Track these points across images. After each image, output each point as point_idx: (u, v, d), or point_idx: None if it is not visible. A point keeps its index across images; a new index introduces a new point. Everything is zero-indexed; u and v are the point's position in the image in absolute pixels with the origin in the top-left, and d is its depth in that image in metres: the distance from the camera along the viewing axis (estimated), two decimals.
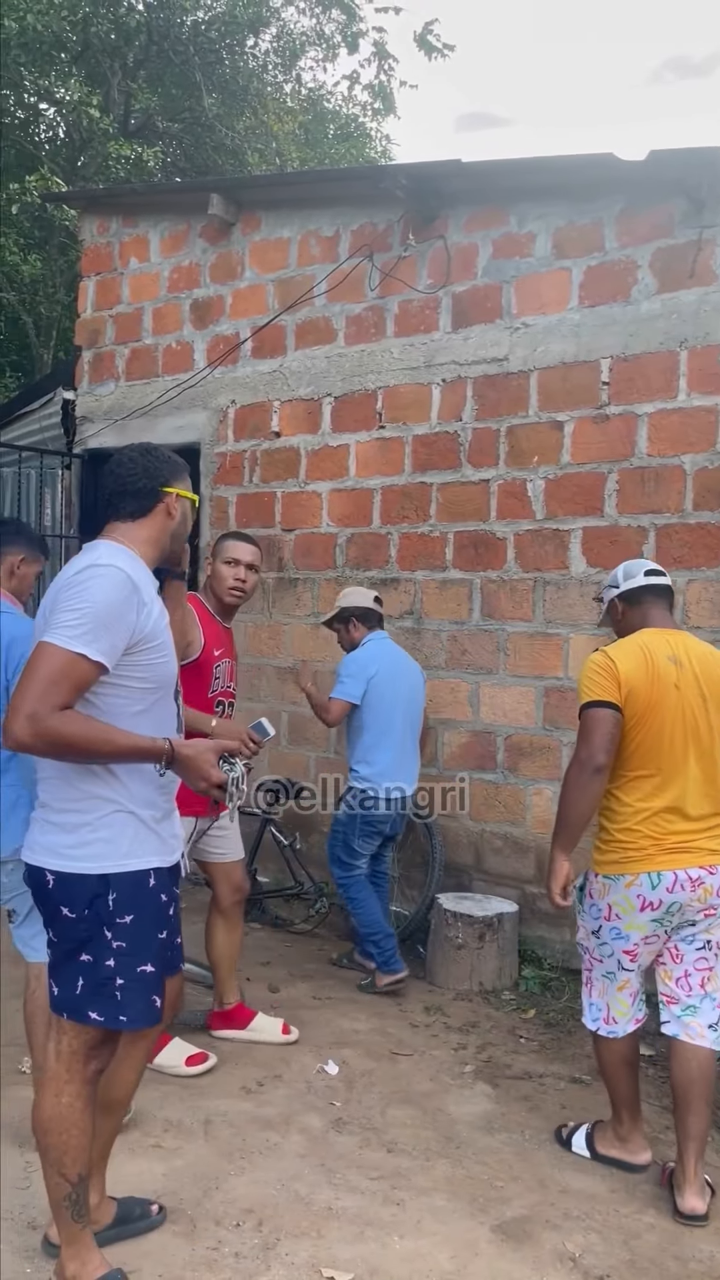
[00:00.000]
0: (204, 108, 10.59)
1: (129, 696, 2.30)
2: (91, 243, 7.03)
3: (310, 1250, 2.67)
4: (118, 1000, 2.31)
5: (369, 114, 15.72)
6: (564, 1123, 3.37)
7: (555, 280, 4.92)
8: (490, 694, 5.11)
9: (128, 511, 2.43)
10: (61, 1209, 2.37)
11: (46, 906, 2.34)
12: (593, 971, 3.19)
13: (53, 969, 2.37)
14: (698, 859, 2.99)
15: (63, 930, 2.32)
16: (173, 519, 2.48)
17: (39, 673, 2.13)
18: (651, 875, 2.98)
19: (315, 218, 5.82)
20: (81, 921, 2.28)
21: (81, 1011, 2.31)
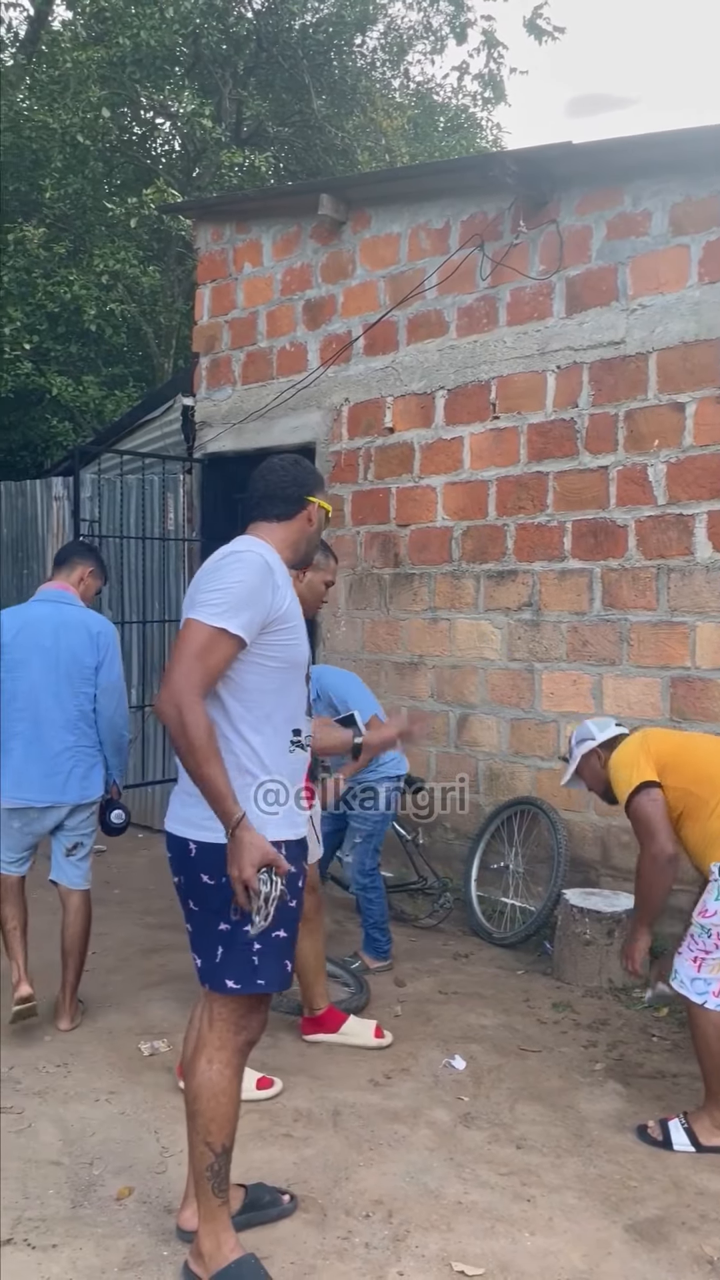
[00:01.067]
0: (313, 110, 10.67)
1: (264, 674, 2.43)
2: (206, 250, 7.17)
3: (440, 1243, 2.67)
4: (255, 965, 2.41)
5: (479, 104, 15.58)
6: (644, 1124, 3.27)
7: (673, 258, 4.78)
8: (614, 685, 5.00)
9: (274, 514, 2.61)
10: (204, 1180, 2.44)
11: (187, 875, 2.46)
12: (712, 954, 3.16)
13: (195, 942, 2.49)
14: None
15: (202, 898, 2.43)
16: (311, 525, 2.67)
17: (186, 648, 2.29)
18: None
19: (424, 211, 5.80)
20: (220, 889, 2.37)
21: (220, 980, 2.42)
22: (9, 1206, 2.78)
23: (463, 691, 5.62)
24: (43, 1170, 2.97)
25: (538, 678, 5.30)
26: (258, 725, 2.43)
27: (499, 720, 5.47)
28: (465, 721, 5.61)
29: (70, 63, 9.74)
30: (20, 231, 9.78)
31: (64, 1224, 2.71)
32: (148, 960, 4.73)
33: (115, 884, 5.98)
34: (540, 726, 5.29)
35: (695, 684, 4.70)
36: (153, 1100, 3.40)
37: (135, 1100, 3.40)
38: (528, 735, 5.34)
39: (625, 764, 3.36)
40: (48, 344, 10.29)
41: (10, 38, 12.24)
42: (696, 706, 4.69)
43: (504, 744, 5.44)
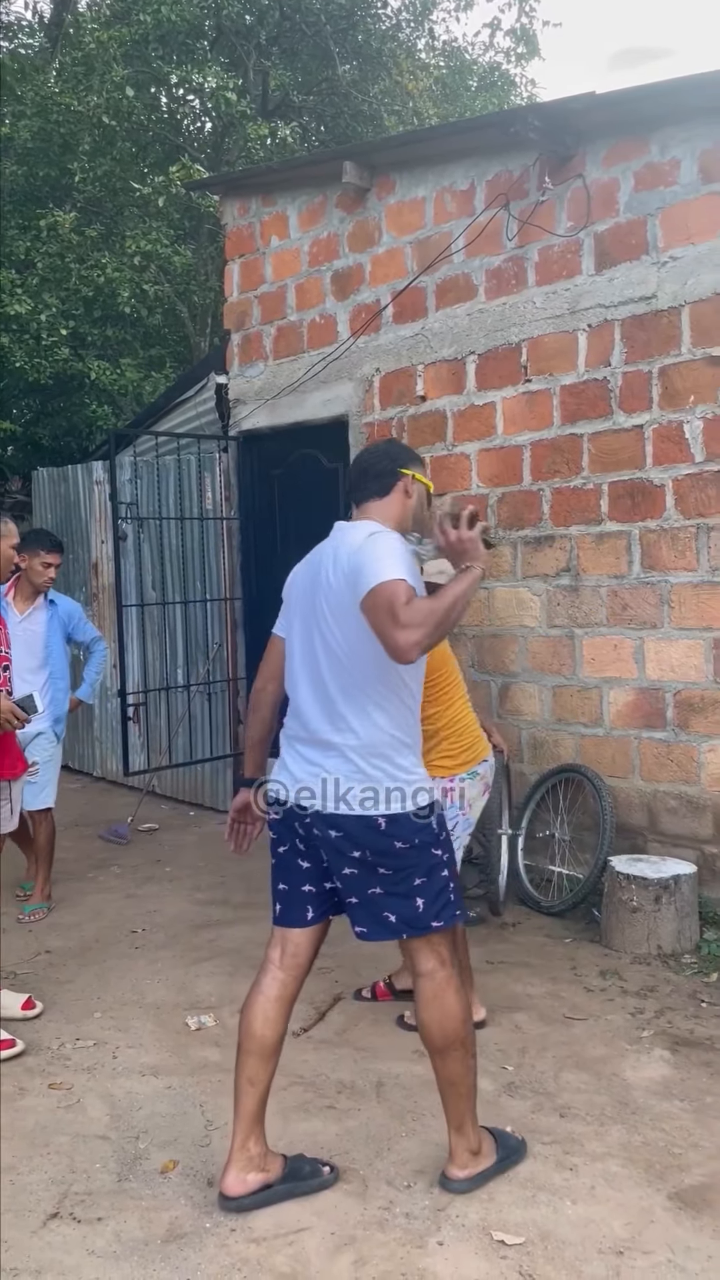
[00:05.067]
0: (339, 77, 10.53)
1: None
2: (233, 225, 7.13)
3: (481, 1213, 2.67)
4: (450, 901, 2.69)
5: (512, 60, 15.24)
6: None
7: (704, 206, 4.64)
8: (656, 649, 4.91)
9: (372, 491, 2.74)
10: (474, 1091, 2.75)
11: (375, 847, 2.60)
12: None
13: (385, 905, 2.65)
14: None
15: (398, 861, 2.61)
16: (410, 498, 2.77)
17: (395, 601, 2.42)
18: None
19: (449, 172, 5.69)
20: (415, 849, 2.60)
21: (426, 923, 2.65)
22: (57, 1180, 2.84)
23: (503, 660, 5.57)
24: (90, 1145, 3.02)
25: (578, 644, 5.23)
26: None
27: (540, 688, 5.41)
28: (507, 690, 5.56)
29: (94, 43, 9.71)
30: (52, 217, 9.80)
31: (109, 1197, 2.76)
32: (196, 936, 4.78)
33: (166, 861, 6.05)
34: (583, 693, 5.23)
35: None
36: (199, 1074, 3.44)
37: (182, 1074, 3.44)
38: (570, 702, 5.28)
39: None
40: (84, 329, 10.33)
41: (36, 21, 12.24)
42: None
43: (546, 712, 5.38)
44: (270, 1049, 2.71)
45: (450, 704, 3.69)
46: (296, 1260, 2.50)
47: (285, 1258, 2.51)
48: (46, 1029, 3.78)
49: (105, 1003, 4.03)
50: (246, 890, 5.41)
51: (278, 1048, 2.74)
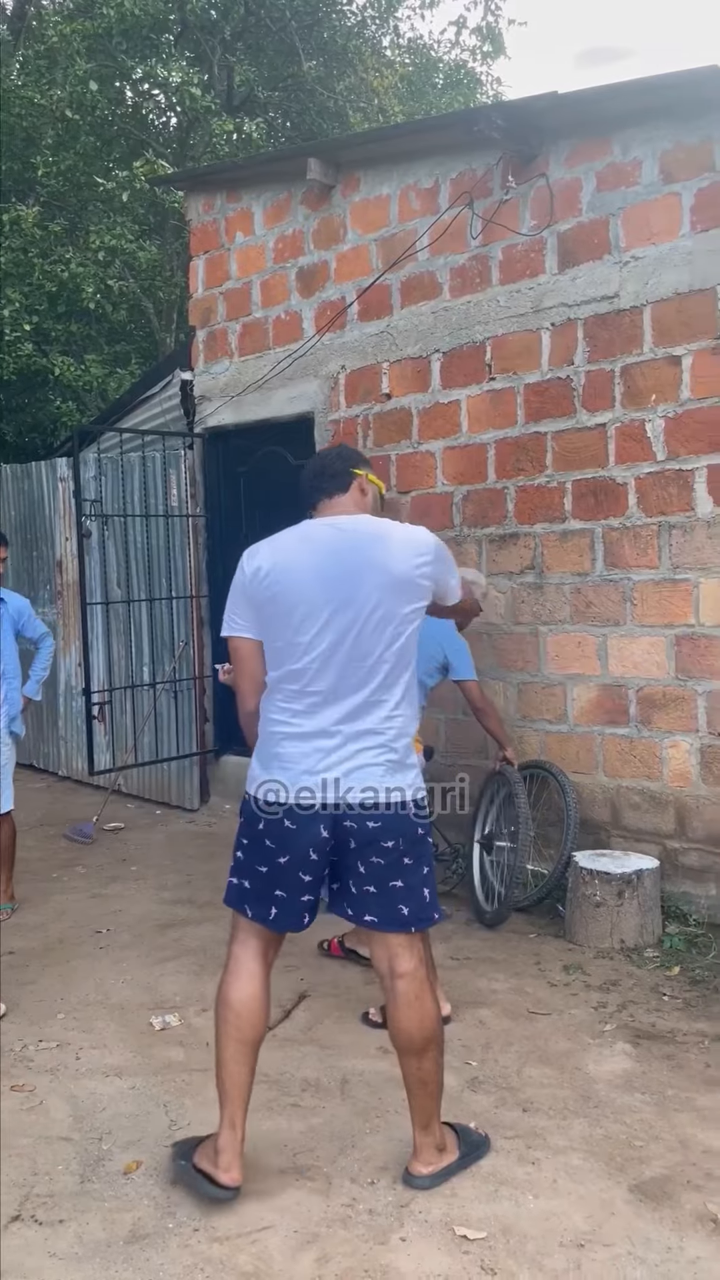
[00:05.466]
0: (304, 73, 10.50)
1: None
2: (198, 222, 7.10)
3: (444, 1208, 2.68)
4: (435, 894, 2.80)
5: (478, 58, 15.28)
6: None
7: (665, 207, 4.68)
8: (619, 646, 4.95)
9: (336, 487, 2.82)
10: (442, 1089, 2.82)
11: (405, 835, 2.68)
12: None
13: (399, 896, 2.69)
14: None
15: (419, 849, 2.72)
16: (364, 496, 2.86)
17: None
18: None
19: (413, 170, 5.70)
20: (424, 839, 2.74)
21: (430, 915, 2.77)
22: (18, 1184, 2.82)
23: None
24: (53, 1147, 3.01)
25: (543, 640, 5.26)
26: None
27: (506, 685, 5.44)
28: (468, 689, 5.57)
29: (56, 36, 9.62)
30: (15, 211, 9.71)
31: (71, 1199, 2.75)
32: (162, 935, 4.76)
33: (132, 861, 6.02)
34: (547, 690, 5.26)
35: (700, 641, 4.64)
36: (163, 1074, 3.43)
37: (146, 1075, 3.43)
38: (535, 699, 5.31)
39: None
40: (48, 324, 10.25)
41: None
42: (701, 664, 4.64)
43: (512, 709, 5.41)
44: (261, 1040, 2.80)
45: None
46: (260, 1259, 2.50)
47: (249, 1256, 2.51)
48: (9, 1031, 3.75)
49: (69, 1003, 4.01)
50: (213, 889, 5.38)
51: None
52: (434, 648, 4.78)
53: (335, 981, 4.18)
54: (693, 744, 4.70)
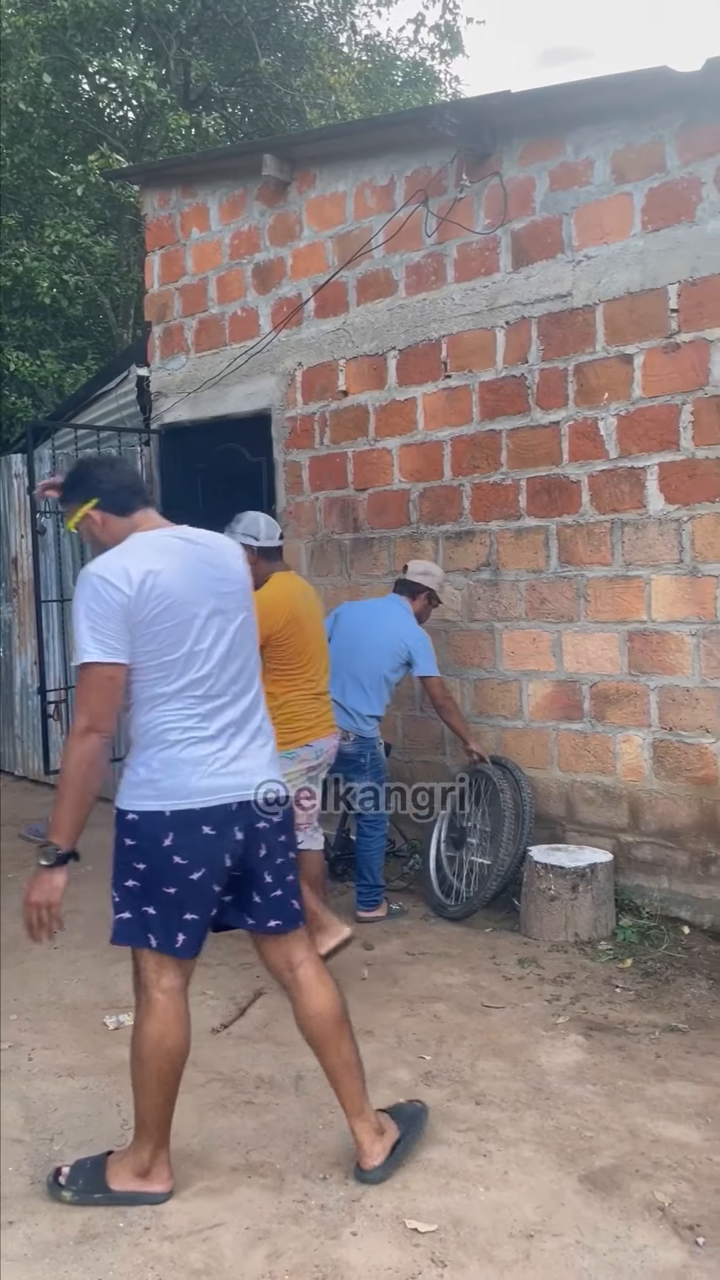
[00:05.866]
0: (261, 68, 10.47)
1: None
2: (154, 217, 7.05)
3: (395, 1202, 2.69)
4: None
5: (436, 56, 15.31)
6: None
7: (616, 206, 4.72)
8: (573, 642, 4.99)
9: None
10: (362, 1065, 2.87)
11: (289, 833, 2.82)
12: None
13: (293, 890, 2.79)
14: None
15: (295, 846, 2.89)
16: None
17: None
18: None
19: (369, 168, 5.70)
20: None
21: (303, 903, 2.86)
22: None
23: None
24: (3, 1149, 2.98)
25: (498, 637, 5.29)
26: None
27: (463, 681, 5.46)
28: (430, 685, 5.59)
29: (10, 28, 9.51)
30: None
31: (22, 1200, 2.73)
32: None
33: (88, 860, 5.95)
34: (503, 686, 5.29)
35: (651, 637, 4.70)
36: (116, 1074, 3.40)
37: (99, 1074, 3.41)
38: (491, 695, 5.34)
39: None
40: (2, 319, 10.13)
41: None
42: (653, 659, 4.69)
43: (468, 705, 5.44)
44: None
45: (289, 689, 4.06)
46: (210, 1256, 2.50)
47: (199, 1254, 2.50)
48: None
49: (22, 1004, 3.97)
50: None
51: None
52: (396, 643, 4.80)
53: None
54: (645, 739, 4.75)
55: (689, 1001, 3.92)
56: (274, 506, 6.34)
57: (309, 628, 4.18)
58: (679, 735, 4.63)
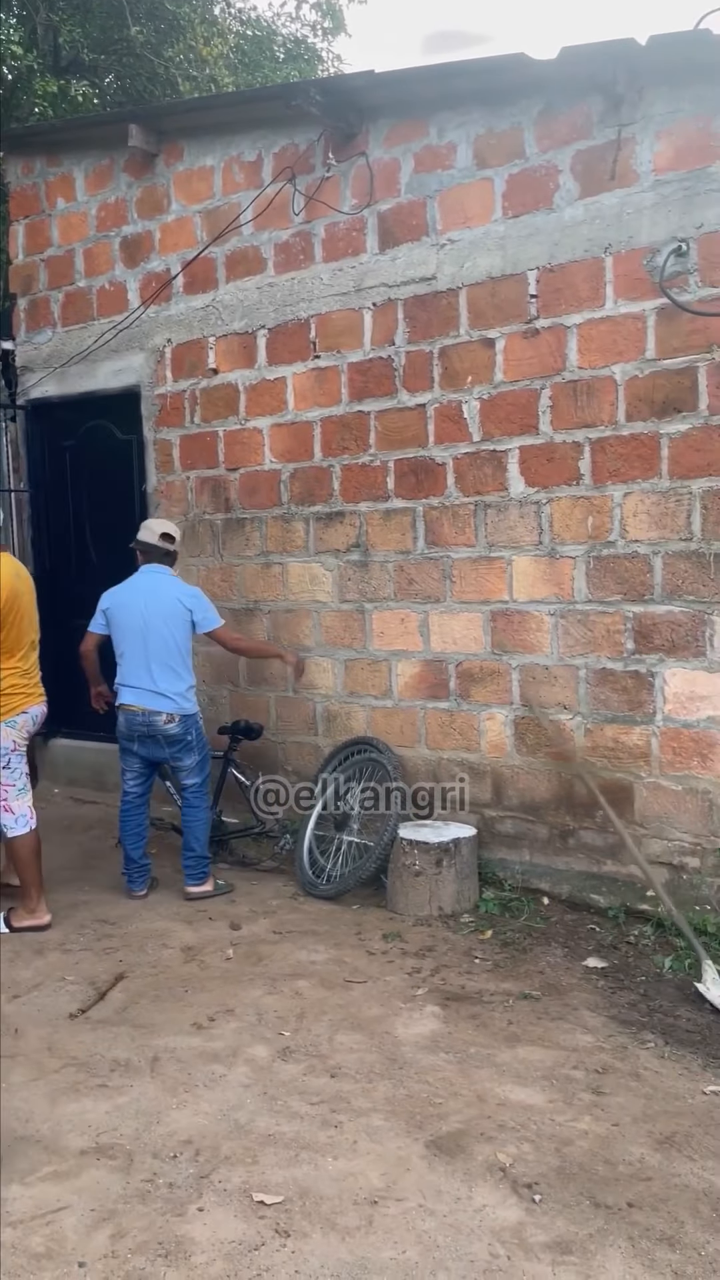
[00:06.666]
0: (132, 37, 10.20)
1: None
2: (17, 185, 6.84)
3: (244, 1176, 2.71)
4: None
5: (318, 34, 15.19)
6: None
7: (478, 191, 4.78)
8: (439, 622, 5.07)
9: None
10: None
11: None
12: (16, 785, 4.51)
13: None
14: None
15: None
16: None
17: None
18: None
19: (236, 143, 5.64)
20: None
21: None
22: None
23: (298, 635, 5.62)
24: None
25: (368, 618, 5.33)
26: None
27: (334, 662, 5.49)
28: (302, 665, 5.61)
29: None
30: None
31: None
32: None
33: None
34: (373, 666, 5.34)
35: (514, 616, 4.80)
36: None
37: None
38: (361, 675, 5.39)
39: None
40: None
41: None
42: (515, 638, 4.79)
43: (339, 685, 5.47)
44: None
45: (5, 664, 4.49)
46: (52, 1239, 2.47)
47: (41, 1238, 2.48)
48: None
49: None
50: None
51: None
52: (179, 609, 4.89)
53: (155, 962, 4.16)
54: (507, 716, 4.86)
55: (544, 970, 4.04)
56: (144, 485, 6.25)
57: (24, 604, 4.57)
58: (539, 712, 4.75)
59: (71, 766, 6.89)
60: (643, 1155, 2.80)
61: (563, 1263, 2.39)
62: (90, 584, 5.75)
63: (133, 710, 4.79)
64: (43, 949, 4.28)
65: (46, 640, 4.81)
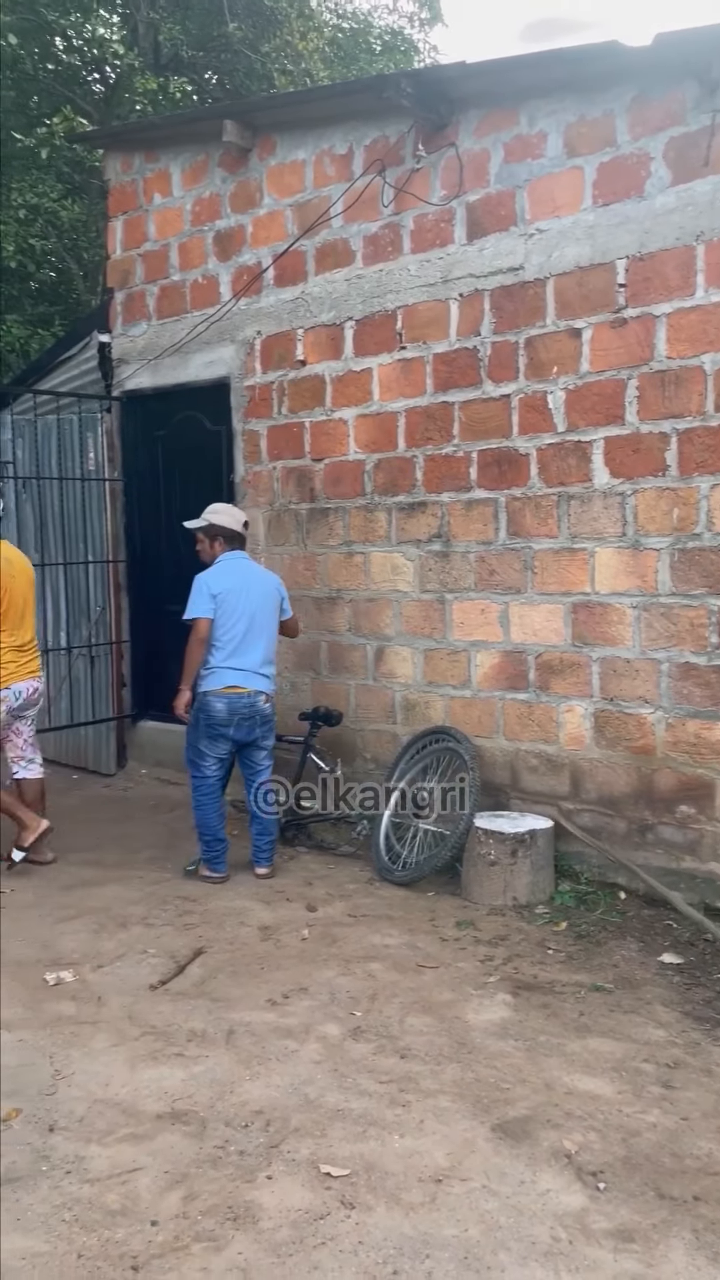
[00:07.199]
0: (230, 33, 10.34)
1: None
2: (117, 181, 7.01)
3: (312, 1148, 2.78)
4: None
5: (415, 24, 15.16)
6: None
7: (568, 180, 4.75)
8: (519, 613, 5.06)
9: None
10: None
11: None
12: None
13: None
14: None
15: None
16: None
17: None
18: None
19: (328, 136, 5.70)
20: None
21: None
22: None
23: (379, 624, 5.67)
24: None
25: (448, 608, 5.35)
26: None
27: (413, 651, 5.53)
28: (382, 653, 5.67)
29: None
30: None
31: None
32: (66, 896, 4.80)
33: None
34: (452, 656, 5.36)
35: (595, 609, 4.77)
36: (52, 1027, 3.48)
37: (34, 1028, 3.48)
38: (440, 665, 5.41)
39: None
40: None
41: None
42: (596, 630, 4.77)
43: (418, 674, 5.51)
44: None
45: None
46: (127, 1198, 2.58)
47: (117, 1195, 2.59)
48: None
49: None
50: (121, 852, 5.45)
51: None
52: (276, 594, 5.17)
53: (233, 939, 4.26)
54: (587, 708, 4.83)
55: (618, 963, 4.02)
56: (232, 475, 6.37)
57: (20, 585, 5.07)
58: (619, 705, 4.72)
59: (158, 749, 7.06)
60: (711, 1150, 2.78)
61: (625, 1250, 2.40)
62: (180, 572, 5.89)
63: (240, 692, 4.90)
64: (126, 923, 4.42)
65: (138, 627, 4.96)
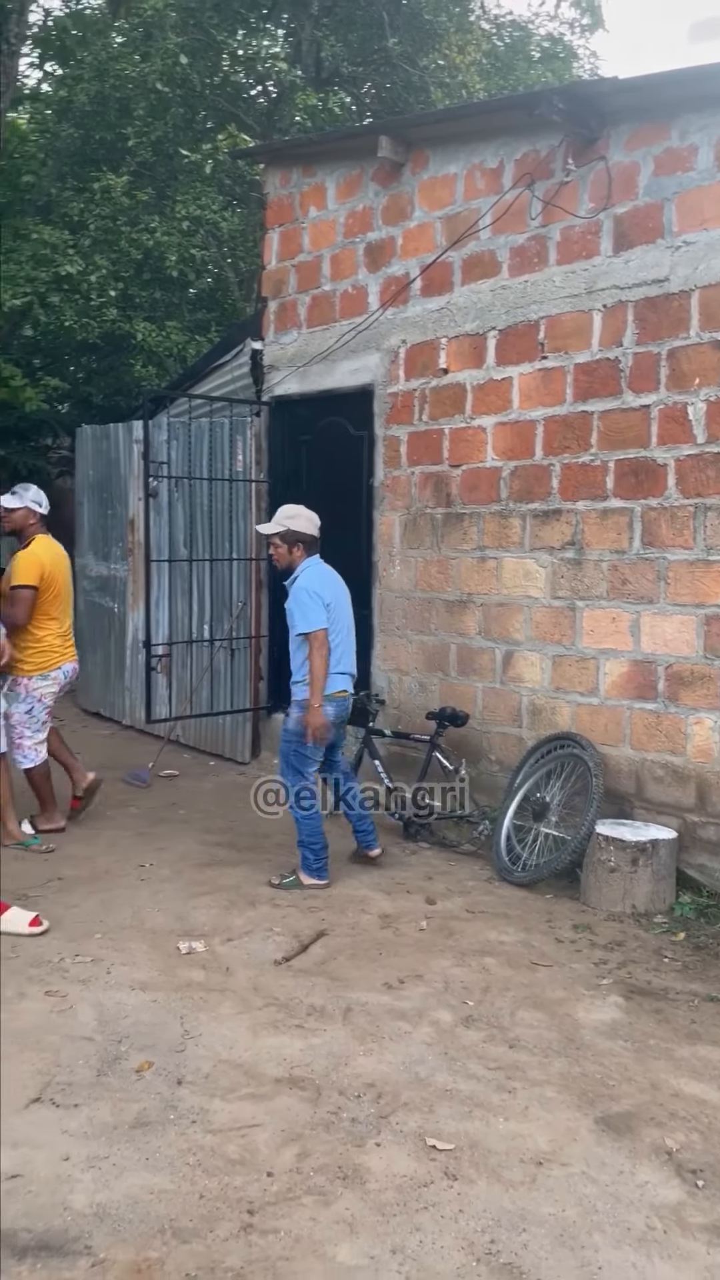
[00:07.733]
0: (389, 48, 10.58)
1: None
2: (274, 195, 7.31)
3: (419, 1122, 2.92)
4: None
5: (576, 31, 15.13)
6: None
7: (718, 193, 4.74)
8: (651, 623, 5.08)
9: None
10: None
11: None
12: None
13: None
14: None
15: None
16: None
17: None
18: None
19: (480, 150, 5.83)
20: None
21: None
22: (42, 1072, 3.15)
23: (508, 629, 5.76)
24: (76, 1045, 3.33)
25: (579, 615, 5.41)
26: None
27: (542, 656, 5.60)
28: (510, 658, 5.76)
29: (151, 10, 9.87)
30: (105, 180, 10.03)
31: (87, 1089, 3.06)
32: (200, 873, 5.07)
33: (181, 805, 6.36)
34: (581, 663, 5.41)
35: None
36: (183, 992, 3.73)
37: (167, 991, 3.73)
38: (569, 671, 5.47)
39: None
40: (133, 290, 10.58)
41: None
42: None
43: (546, 680, 5.58)
44: None
45: (40, 627, 5.42)
46: (246, 1150, 2.78)
47: (237, 1147, 2.79)
48: (50, 945, 4.09)
49: (107, 926, 4.34)
50: (252, 836, 5.70)
51: None
52: (349, 595, 5.22)
53: (354, 924, 4.44)
54: (716, 721, 4.82)
55: None
56: (372, 480, 6.56)
57: (59, 580, 5.52)
58: None
59: None
60: None
61: (719, 1245, 2.46)
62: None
63: (345, 696, 5.05)
64: (255, 901, 4.66)
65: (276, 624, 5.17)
